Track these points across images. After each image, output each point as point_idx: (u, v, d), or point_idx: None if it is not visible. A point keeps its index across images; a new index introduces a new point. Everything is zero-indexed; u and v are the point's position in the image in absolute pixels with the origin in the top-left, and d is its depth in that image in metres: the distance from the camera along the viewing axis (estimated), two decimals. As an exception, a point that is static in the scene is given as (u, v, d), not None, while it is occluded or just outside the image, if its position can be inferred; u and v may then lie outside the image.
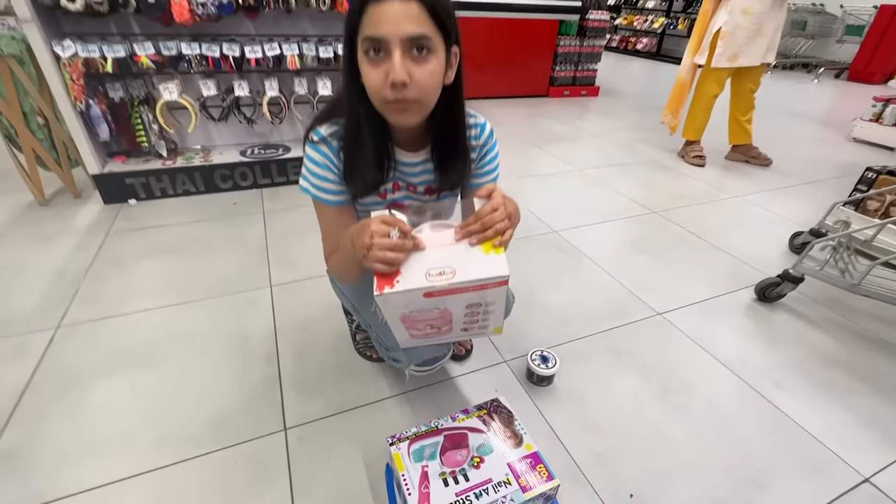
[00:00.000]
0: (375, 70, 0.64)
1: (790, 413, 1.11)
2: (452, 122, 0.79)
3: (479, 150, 0.87)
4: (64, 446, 0.96)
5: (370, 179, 0.78)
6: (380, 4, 0.60)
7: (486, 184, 0.89)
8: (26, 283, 1.44)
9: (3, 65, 1.66)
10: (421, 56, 0.63)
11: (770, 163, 2.75)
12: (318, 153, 0.77)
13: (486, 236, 0.65)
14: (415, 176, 0.86)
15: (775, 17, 2.36)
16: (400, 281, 0.62)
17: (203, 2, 1.75)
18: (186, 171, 2.03)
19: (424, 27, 0.62)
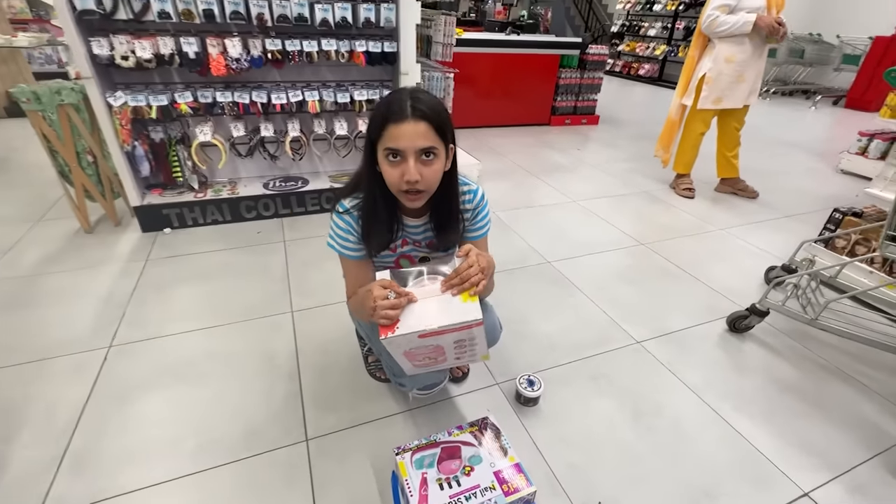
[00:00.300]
0: (394, 169, 0.85)
1: (745, 434, 1.27)
2: (448, 197, 0.99)
3: (472, 211, 1.07)
4: (120, 451, 1.14)
5: (383, 241, 1.00)
6: (398, 125, 0.81)
7: (478, 237, 1.08)
8: (80, 307, 1.65)
9: (63, 112, 1.90)
10: (428, 160, 0.86)
11: (756, 195, 2.92)
12: (342, 221, 0.99)
13: (463, 288, 0.84)
14: (418, 235, 1.06)
15: (756, 64, 2.56)
16: (399, 327, 0.81)
17: (237, 57, 1.98)
18: (215, 203, 2.25)
19: (431, 140, 0.84)
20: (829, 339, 1.65)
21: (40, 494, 1.03)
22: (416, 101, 0.82)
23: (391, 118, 0.82)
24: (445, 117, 0.86)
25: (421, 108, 0.82)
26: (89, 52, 1.80)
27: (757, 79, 2.61)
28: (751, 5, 2.41)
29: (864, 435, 1.28)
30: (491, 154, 3.63)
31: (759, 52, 2.53)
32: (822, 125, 5.32)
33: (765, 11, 2.41)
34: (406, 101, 0.82)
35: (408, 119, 0.81)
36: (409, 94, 0.84)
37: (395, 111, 0.82)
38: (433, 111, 0.84)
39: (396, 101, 0.83)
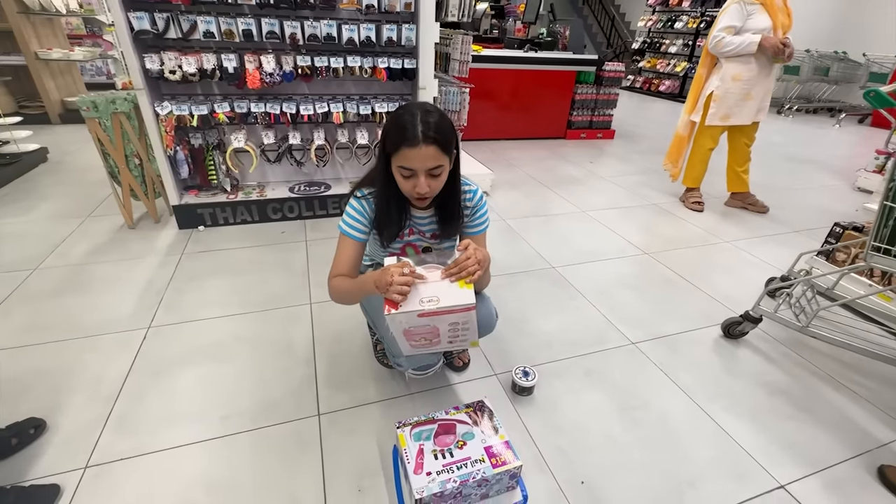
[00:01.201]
0: (407, 182, 1.01)
1: (730, 432, 1.33)
2: (451, 193, 1.13)
3: (472, 209, 1.20)
4: (157, 415, 1.29)
5: (394, 231, 1.15)
6: (411, 149, 0.95)
7: (478, 233, 1.21)
8: (123, 293, 1.84)
9: (117, 119, 2.13)
10: (436, 175, 1.01)
11: (766, 210, 2.95)
12: (358, 204, 1.13)
13: (460, 276, 0.96)
14: (424, 225, 1.20)
15: (763, 83, 2.62)
16: (402, 305, 0.93)
17: (271, 72, 2.18)
18: (245, 204, 2.44)
19: (439, 160, 0.99)
20: (824, 348, 1.69)
21: (90, 446, 1.19)
22: (426, 127, 0.94)
23: (405, 142, 0.95)
24: (450, 134, 1.00)
25: (430, 135, 0.95)
26: (142, 67, 2.03)
27: (765, 96, 2.67)
28: (756, 27, 2.47)
29: (849, 437, 1.33)
30: (505, 165, 3.76)
31: (766, 71, 2.59)
32: (845, 143, 5.26)
33: (770, 32, 2.47)
34: (418, 126, 0.94)
35: (419, 144, 0.94)
36: (420, 117, 0.95)
37: (409, 136, 0.94)
38: (440, 133, 0.97)
39: (410, 127, 0.94)
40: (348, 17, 2.26)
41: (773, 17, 2.45)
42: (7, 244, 2.17)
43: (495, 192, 3.11)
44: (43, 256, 2.07)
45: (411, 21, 2.31)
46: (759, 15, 2.46)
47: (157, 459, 1.17)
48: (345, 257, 1.16)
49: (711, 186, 3.12)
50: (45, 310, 1.72)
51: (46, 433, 1.22)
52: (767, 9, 2.45)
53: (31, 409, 1.26)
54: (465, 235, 1.23)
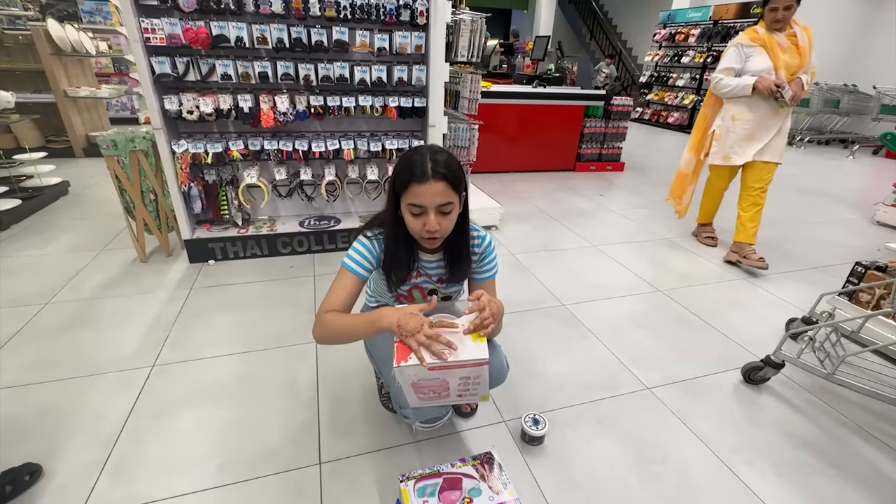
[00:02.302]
0: (416, 220, 1.00)
1: (755, 489, 1.25)
2: (460, 236, 1.11)
3: (480, 255, 1.18)
4: (155, 462, 1.26)
5: (402, 275, 1.13)
6: (421, 185, 0.95)
7: (486, 279, 1.19)
8: (131, 328, 1.84)
9: (135, 157, 2.19)
10: (446, 212, 1.00)
11: (764, 267, 2.50)
12: (368, 242, 1.11)
13: (478, 328, 0.93)
14: (431, 269, 1.18)
15: (768, 123, 2.48)
16: (412, 358, 0.90)
17: (285, 111, 2.24)
18: (255, 238, 2.46)
19: (448, 197, 0.98)
20: (852, 396, 1.61)
21: (85, 494, 1.15)
22: (435, 164, 0.96)
23: (414, 179, 0.95)
24: (460, 173, 1.00)
25: (440, 171, 0.96)
26: (161, 107, 2.10)
27: (776, 137, 2.51)
28: (754, 68, 2.41)
29: (883, 496, 1.24)
30: (514, 198, 3.77)
31: (772, 111, 2.46)
32: (860, 175, 5.20)
33: (771, 73, 2.36)
34: (427, 163, 0.95)
35: (429, 180, 0.95)
36: (429, 155, 0.97)
37: (418, 173, 0.95)
38: (449, 171, 0.98)
39: (419, 164, 0.96)
40: (360, 59, 2.33)
41: (773, 59, 2.36)
42: (23, 277, 2.21)
43: (504, 226, 3.10)
44: (56, 290, 2.10)
45: (422, 62, 2.37)
46: (758, 56, 2.40)
47: (152, 510, 1.13)
48: (342, 293, 1.08)
49: (725, 221, 3.08)
50: (53, 345, 1.72)
51: (42, 479, 1.19)
52: (767, 50, 2.38)
53: (30, 451, 1.24)
54: (474, 282, 1.21)
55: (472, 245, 1.16)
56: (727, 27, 7.55)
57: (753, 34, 2.43)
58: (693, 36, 8.10)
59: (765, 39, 2.38)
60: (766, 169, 2.57)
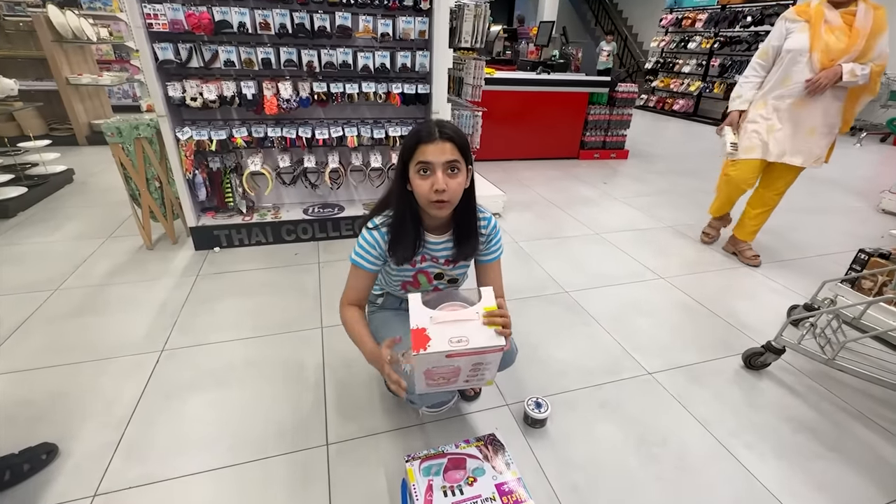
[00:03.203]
0: (425, 181, 1.01)
1: (753, 471, 1.27)
2: (468, 212, 1.13)
3: (486, 237, 1.19)
4: (166, 442, 1.29)
5: (407, 255, 1.13)
6: (428, 144, 0.99)
7: (492, 260, 1.22)
8: (140, 314, 1.86)
9: (139, 144, 2.20)
10: (453, 173, 1.02)
11: (757, 264, 2.48)
12: (370, 236, 1.13)
13: (495, 322, 0.95)
14: (438, 251, 1.19)
15: (795, 118, 2.16)
16: (431, 346, 0.92)
17: (288, 98, 2.24)
18: (259, 226, 2.47)
19: (455, 156, 1.01)
20: (852, 382, 1.62)
21: (99, 473, 1.19)
22: (441, 126, 1.01)
23: (422, 139, 0.99)
24: (466, 141, 1.04)
25: (447, 132, 1.00)
26: (165, 94, 2.10)
27: (809, 136, 2.18)
28: (791, 47, 2.09)
29: (883, 480, 1.26)
30: (518, 186, 3.76)
31: (802, 103, 2.13)
32: (867, 163, 5.15)
33: (805, 54, 2.05)
34: (434, 126, 1.01)
35: (436, 139, 0.99)
36: (436, 121, 1.02)
37: (425, 134, 1.00)
38: (457, 134, 1.02)
39: (426, 127, 1.01)
40: (364, 45, 2.31)
41: (812, 39, 2.03)
42: (31, 264, 2.23)
43: (508, 214, 3.11)
44: (64, 277, 2.12)
45: (425, 48, 2.36)
46: (798, 34, 2.07)
47: (166, 488, 1.16)
48: (356, 287, 1.19)
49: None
50: (63, 331, 1.75)
51: (58, 458, 1.22)
52: (811, 27, 2.04)
53: (45, 433, 1.27)
54: (481, 263, 1.22)
55: (479, 227, 1.17)
56: (735, 12, 7.42)
57: (803, 7, 2.10)
58: (700, 21, 7.97)
59: (811, 14, 2.05)
60: (790, 171, 2.31)
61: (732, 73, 7.37)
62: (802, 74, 2.10)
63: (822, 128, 2.18)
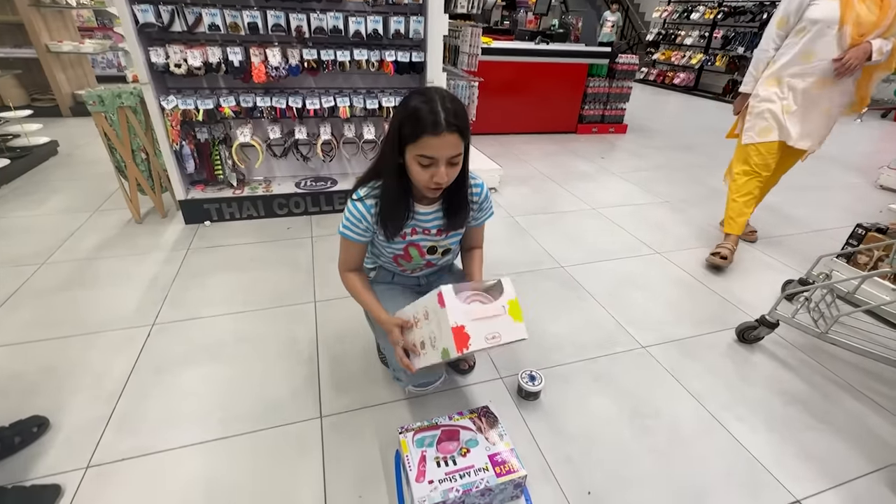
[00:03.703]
0: (424, 171, 0.97)
1: (744, 442, 1.29)
2: (460, 184, 1.08)
3: (478, 203, 1.17)
4: (159, 415, 1.28)
5: (397, 228, 1.10)
6: (434, 137, 0.91)
7: (480, 224, 1.23)
8: (129, 288, 1.83)
9: (123, 113, 2.12)
10: (454, 164, 0.98)
11: (754, 239, 2.44)
12: (355, 208, 1.09)
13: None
14: (428, 222, 1.15)
15: (813, 99, 1.96)
16: (472, 344, 0.91)
17: (277, 65, 2.15)
18: (251, 199, 2.42)
19: (459, 148, 0.96)
20: (843, 356, 1.63)
21: (91, 446, 1.18)
22: (447, 114, 0.91)
23: (427, 130, 0.90)
24: (468, 122, 0.97)
25: (453, 122, 0.91)
26: (147, 60, 2.01)
27: (819, 116, 2.00)
28: (815, 16, 1.84)
29: (870, 450, 1.28)
30: (514, 160, 3.70)
31: (820, 84, 1.92)
32: (867, 139, 5.10)
33: (833, 26, 1.81)
34: (440, 113, 0.90)
35: (443, 132, 0.91)
36: (440, 103, 0.91)
37: (430, 124, 0.90)
38: (461, 120, 0.93)
39: (431, 114, 0.90)
40: (355, 8, 2.21)
41: (843, 8, 1.78)
42: (18, 237, 2.18)
43: (504, 188, 3.06)
44: (51, 250, 2.08)
45: (420, 13, 2.26)
46: (826, 3, 1.81)
47: (158, 460, 1.16)
48: (350, 257, 1.18)
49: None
50: (51, 305, 1.72)
51: (49, 432, 1.21)
52: None
53: (36, 407, 1.25)
54: (470, 227, 1.21)
55: (470, 194, 1.13)
56: (741, -20, 7.19)
57: None
58: (704, -10, 7.73)
59: None
60: (792, 156, 2.15)
61: (735, 45, 7.19)
62: (829, 50, 1.85)
63: (836, 109, 2.00)
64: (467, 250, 1.29)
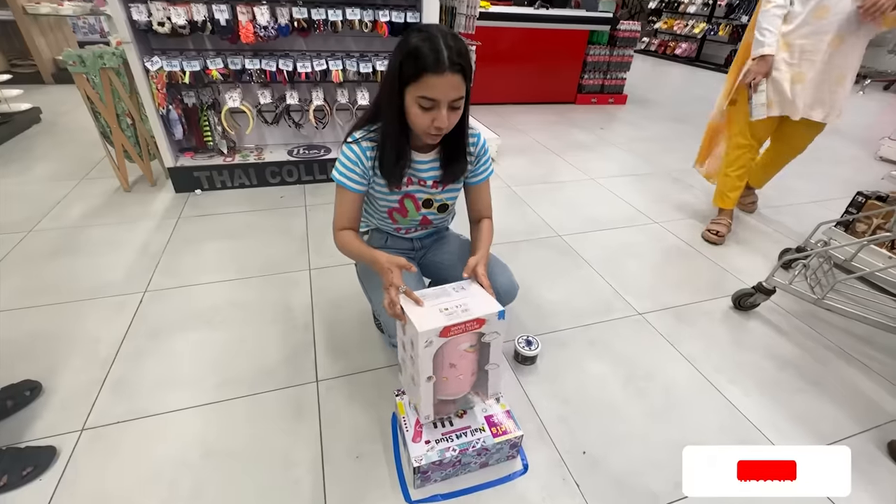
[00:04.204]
0: (424, 114, 0.90)
1: (737, 404, 1.30)
2: (459, 133, 1.02)
3: (476, 155, 1.12)
4: (153, 379, 1.28)
5: (397, 175, 1.04)
6: (436, 76, 0.85)
7: (482, 181, 1.16)
8: (119, 256, 1.80)
9: (105, 75, 2.03)
10: (457, 107, 0.92)
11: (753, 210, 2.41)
12: (351, 151, 1.03)
13: None
14: (424, 172, 1.09)
15: (827, 62, 1.77)
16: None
17: (265, 25, 2.05)
18: (242, 167, 2.36)
19: (462, 90, 0.90)
20: (837, 322, 1.64)
21: (86, 409, 1.17)
22: (451, 52, 0.84)
23: (429, 68, 0.84)
24: (470, 62, 0.91)
25: (456, 61, 0.85)
26: (129, 18, 1.91)
27: (833, 84, 1.82)
28: None
29: (858, 411, 1.30)
30: (512, 131, 3.62)
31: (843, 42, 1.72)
32: (868, 111, 5.03)
33: None
34: (443, 50, 0.84)
35: (446, 72, 0.84)
36: (444, 41, 0.85)
37: (433, 62, 0.84)
38: (464, 59, 0.87)
39: (434, 52, 0.84)
40: (347, -36, 2.10)
41: None
42: (3, 205, 2.13)
43: (502, 158, 3.01)
44: (38, 218, 2.03)
45: (414, -30, 2.15)
46: None
47: (154, 423, 1.16)
48: (345, 211, 1.08)
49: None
50: (41, 272, 1.69)
51: (42, 396, 1.20)
52: None
53: (28, 372, 1.24)
54: (470, 184, 1.16)
55: (468, 143, 1.09)
56: (748, -56, 6.92)
57: None
58: (710, -45, 7.45)
59: None
60: (810, 129, 1.99)
61: (739, 13, 7.00)
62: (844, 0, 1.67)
63: (852, 73, 1.82)
64: (476, 221, 1.20)
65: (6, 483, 0.98)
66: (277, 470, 1.06)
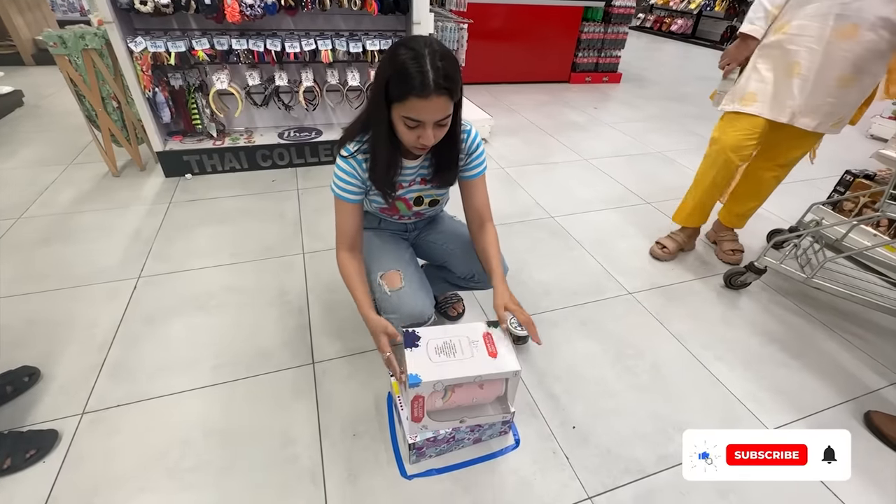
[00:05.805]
0: (410, 132, 0.90)
1: (722, 378, 1.34)
2: (450, 139, 1.01)
3: (468, 150, 1.11)
4: (150, 363, 1.29)
5: (388, 180, 1.05)
6: (421, 100, 0.83)
7: (476, 176, 1.14)
8: (111, 242, 1.79)
9: (88, 57, 1.98)
10: (443, 125, 0.91)
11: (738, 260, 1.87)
12: (346, 164, 1.03)
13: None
14: (410, 176, 1.10)
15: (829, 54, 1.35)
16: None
17: (251, 3, 2.00)
18: (233, 151, 2.34)
19: (448, 110, 0.89)
20: (826, 300, 1.68)
21: (86, 393, 1.19)
22: (437, 74, 0.82)
23: (414, 91, 0.82)
24: (459, 78, 0.88)
25: (442, 84, 0.83)
26: (110, -3, 1.85)
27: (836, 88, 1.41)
28: None
29: (839, 384, 1.35)
30: (505, 111, 3.59)
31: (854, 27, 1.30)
32: (862, 88, 5.02)
33: None
34: (428, 73, 0.81)
35: (431, 95, 0.83)
36: (429, 60, 0.82)
37: (419, 86, 0.82)
38: (451, 80, 0.84)
39: (419, 73, 0.81)
40: (334, -61, 2.04)
41: None
42: (-12, 192, 2.10)
43: (494, 139, 2.99)
44: (27, 204, 2.01)
45: (404, -56, 2.09)
46: None
47: (154, 405, 1.18)
48: (346, 224, 1.07)
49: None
50: (33, 259, 1.68)
51: (41, 381, 1.22)
52: None
53: (25, 358, 1.25)
54: (464, 180, 1.16)
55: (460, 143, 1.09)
56: (746, -84, 6.76)
57: None
58: (707, -73, 7.27)
59: None
60: (803, 139, 1.61)
61: (736, -12, 6.88)
62: None
63: (866, 78, 1.40)
64: (477, 229, 1.16)
65: (10, 465, 1.00)
66: (277, 448, 1.09)
